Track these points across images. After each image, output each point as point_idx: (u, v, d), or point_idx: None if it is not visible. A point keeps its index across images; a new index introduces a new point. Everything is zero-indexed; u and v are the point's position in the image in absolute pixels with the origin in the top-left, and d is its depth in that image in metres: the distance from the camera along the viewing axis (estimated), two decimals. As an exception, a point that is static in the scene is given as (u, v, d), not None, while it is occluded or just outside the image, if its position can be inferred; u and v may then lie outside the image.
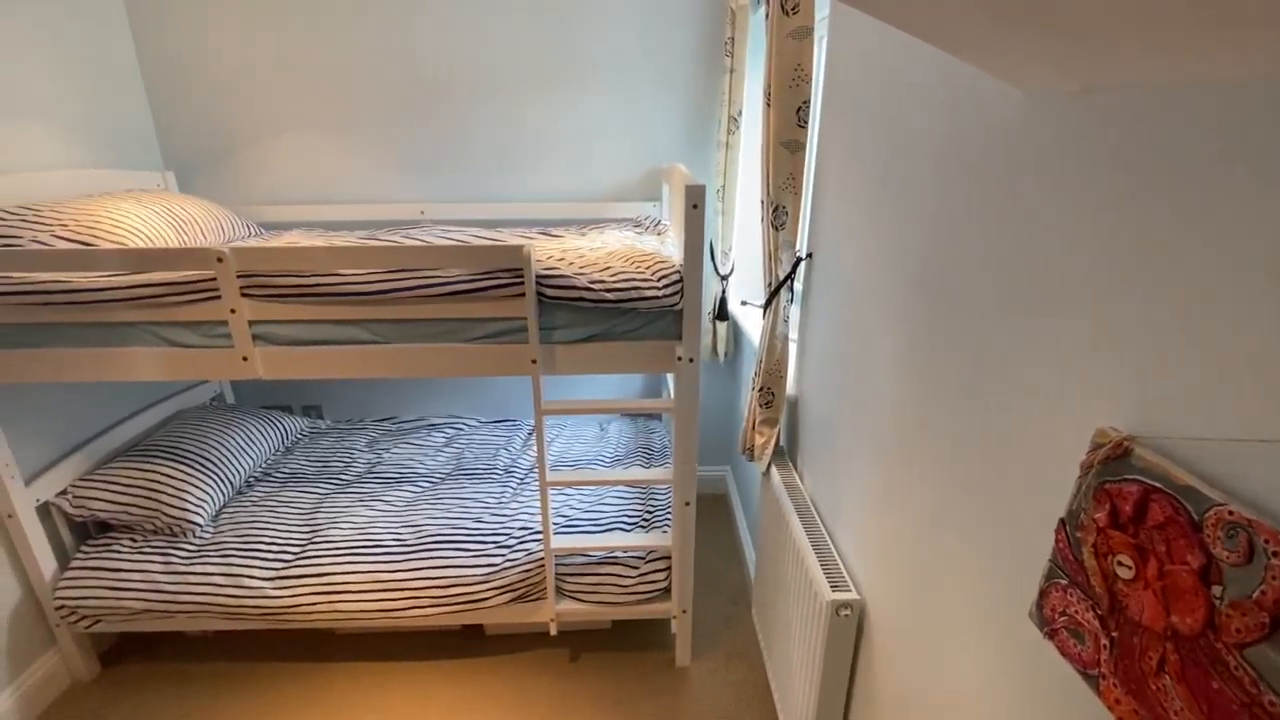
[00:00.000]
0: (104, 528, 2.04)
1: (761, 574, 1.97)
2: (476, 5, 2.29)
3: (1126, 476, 0.59)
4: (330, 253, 1.54)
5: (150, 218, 1.84)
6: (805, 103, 1.47)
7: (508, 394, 2.88)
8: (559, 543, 1.85)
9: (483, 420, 2.79)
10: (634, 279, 1.58)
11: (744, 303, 2.59)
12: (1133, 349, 0.61)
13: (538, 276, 1.57)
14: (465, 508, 2.12)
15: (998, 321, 0.83)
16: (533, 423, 2.76)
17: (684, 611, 1.92)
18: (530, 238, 2.16)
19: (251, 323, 1.59)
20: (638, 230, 2.28)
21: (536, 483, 2.29)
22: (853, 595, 1.29)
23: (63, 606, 1.87)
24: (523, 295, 1.58)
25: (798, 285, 1.80)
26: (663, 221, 2.32)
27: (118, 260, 1.53)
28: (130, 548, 1.93)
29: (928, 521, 1.03)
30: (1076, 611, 0.66)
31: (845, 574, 1.36)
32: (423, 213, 2.51)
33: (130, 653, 2.09)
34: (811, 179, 1.70)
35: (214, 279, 1.54)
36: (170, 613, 1.86)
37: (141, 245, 1.73)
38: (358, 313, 1.59)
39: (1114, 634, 0.61)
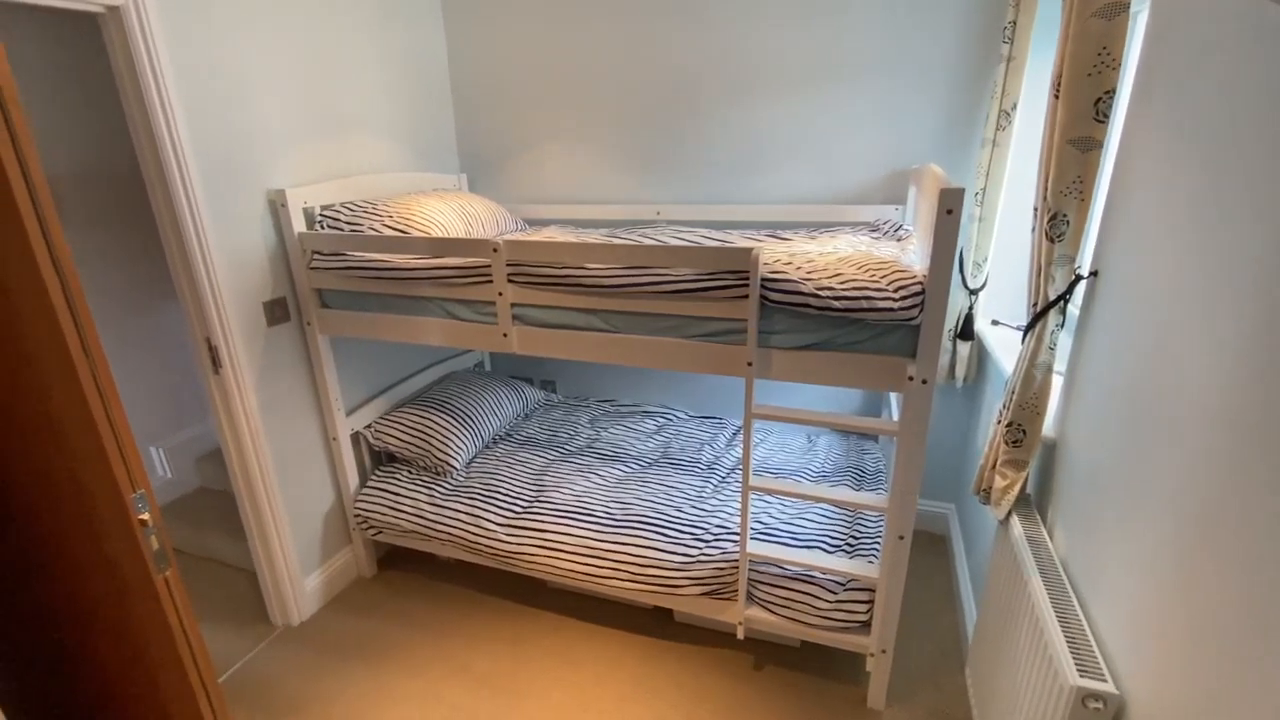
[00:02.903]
0: (391, 458, 2.54)
1: (983, 633, 1.72)
2: (725, 7, 2.34)
3: None
4: (579, 248, 1.72)
5: (447, 213, 2.23)
6: (1108, 93, 1.24)
7: (717, 392, 2.93)
8: (755, 548, 1.83)
9: (691, 414, 2.87)
10: (866, 288, 1.48)
11: (995, 322, 2.28)
12: None
13: (762, 280, 1.56)
14: (668, 495, 2.21)
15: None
16: (738, 423, 2.76)
17: (883, 651, 1.77)
18: (758, 240, 2.15)
19: (513, 305, 1.84)
20: (874, 235, 2.13)
21: (738, 483, 2.29)
22: (1108, 687, 1.06)
23: (359, 515, 2.38)
24: (745, 297, 1.59)
25: (1072, 308, 1.52)
26: (904, 227, 2.14)
27: (423, 246, 1.89)
28: (407, 478, 2.39)
29: (1244, 622, 0.80)
30: None
31: (1100, 659, 1.12)
32: (659, 213, 2.65)
33: (398, 562, 2.58)
34: (1106, 184, 1.42)
35: (489, 266, 1.82)
36: (428, 537, 2.26)
37: (440, 235, 2.10)
38: (597, 303, 1.75)
39: None
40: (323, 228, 2.12)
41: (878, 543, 1.91)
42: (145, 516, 1.05)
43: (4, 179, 0.86)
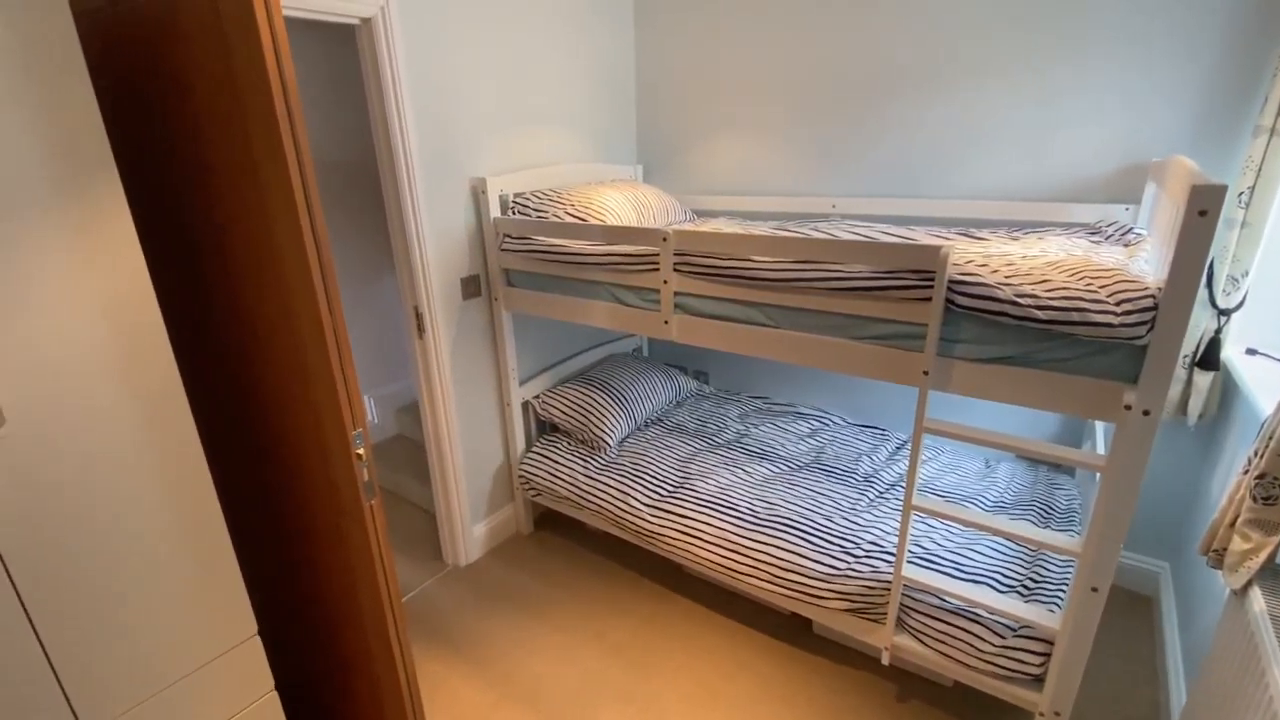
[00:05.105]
0: (554, 429, 2.74)
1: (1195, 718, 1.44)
2: (937, -12, 2.15)
3: None
4: (747, 240, 1.70)
5: (622, 202, 2.33)
6: None
7: (880, 400, 2.74)
8: (912, 573, 1.69)
9: (849, 421, 2.72)
10: (1080, 298, 1.29)
11: (1252, 351, 1.86)
12: None
13: (950, 281, 1.42)
14: (818, 502, 2.12)
15: None
16: (903, 436, 2.57)
17: (1056, 714, 1.55)
18: (947, 239, 1.97)
19: (676, 293, 1.88)
20: (1094, 238, 1.85)
21: (897, 500, 2.14)
22: (1385, 828, 0.83)
23: (522, 476, 2.60)
24: (928, 300, 1.46)
25: (1376, 340, 1.19)
26: (1135, 230, 1.82)
27: (599, 233, 1.99)
28: (565, 449, 2.56)
29: None
30: None
31: (1375, 790, 0.88)
32: (834, 206, 2.53)
33: (550, 525, 2.78)
34: None
35: (657, 254, 1.87)
36: (580, 505, 2.40)
37: (614, 224, 2.20)
38: (759, 296, 1.72)
39: None
40: (514, 213, 2.33)
41: (1062, 590, 1.68)
42: (361, 451, 1.24)
43: (284, 170, 1.06)
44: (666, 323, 1.92)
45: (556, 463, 2.51)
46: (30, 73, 0.89)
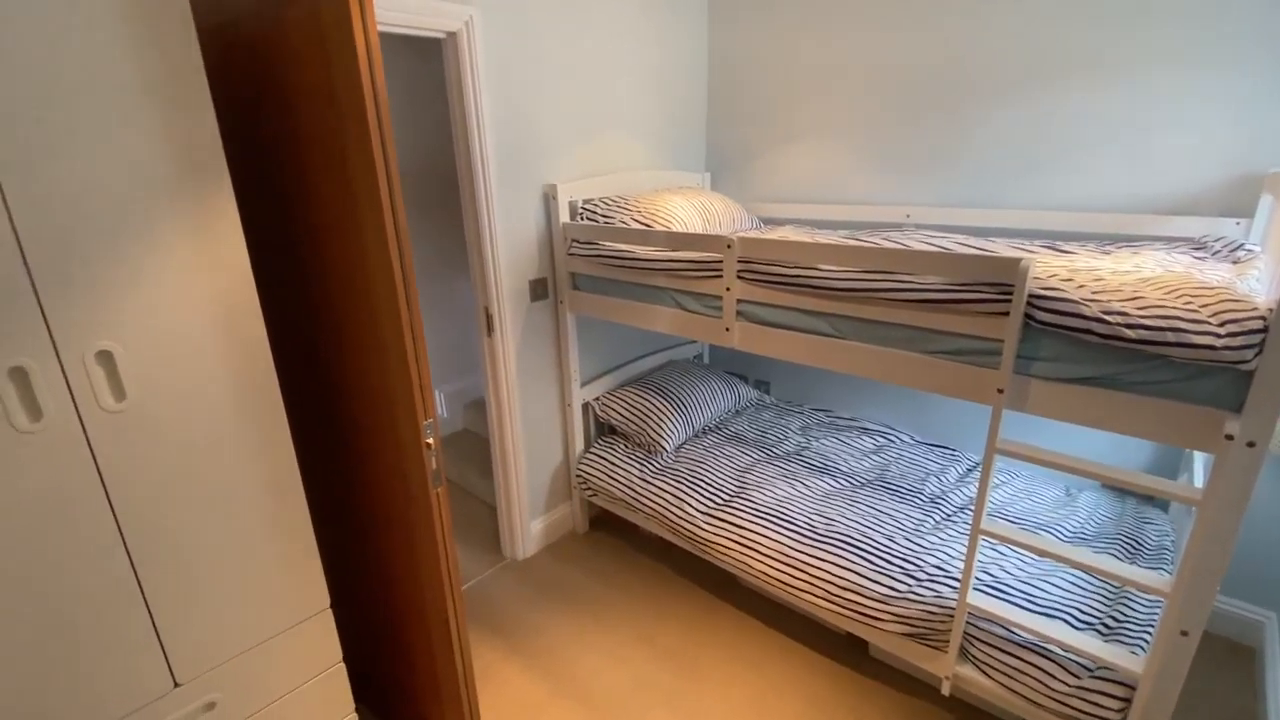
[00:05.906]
0: (612, 431, 2.77)
1: (1302, 789, 1.30)
2: (1028, -11, 2.05)
3: None
4: (811, 248, 1.67)
5: (687, 209, 2.34)
6: None
7: (951, 419, 2.62)
8: (978, 601, 1.61)
9: (917, 439, 2.62)
10: (1176, 317, 1.20)
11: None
12: None
13: (1030, 296, 1.35)
14: (879, 521, 2.06)
15: None
16: (975, 458, 2.45)
17: (1137, 765, 1.43)
18: (1029, 251, 1.87)
19: (738, 300, 1.87)
20: (1198, 254, 1.71)
21: (965, 524, 2.04)
22: None
23: (579, 475, 2.64)
24: (1005, 314, 1.40)
25: None
26: (1246, 246, 1.67)
27: (663, 239, 2.01)
28: (623, 452, 2.58)
29: None
30: None
31: None
32: (908, 216, 2.45)
33: (605, 526, 2.82)
34: None
35: (720, 261, 1.87)
36: (634, 508, 2.42)
37: (679, 230, 2.22)
38: (825, 305, 1.69)
39: None
40: (582, 219, 2.39)
41: (1148, 632, 1.55)
42: (430, 441, 1.30)
43: (374, 177, 1.14)
44: (728, 329, 1.92)
45: (613, 464, 2.54)
46: (161, 88, 1.00)
